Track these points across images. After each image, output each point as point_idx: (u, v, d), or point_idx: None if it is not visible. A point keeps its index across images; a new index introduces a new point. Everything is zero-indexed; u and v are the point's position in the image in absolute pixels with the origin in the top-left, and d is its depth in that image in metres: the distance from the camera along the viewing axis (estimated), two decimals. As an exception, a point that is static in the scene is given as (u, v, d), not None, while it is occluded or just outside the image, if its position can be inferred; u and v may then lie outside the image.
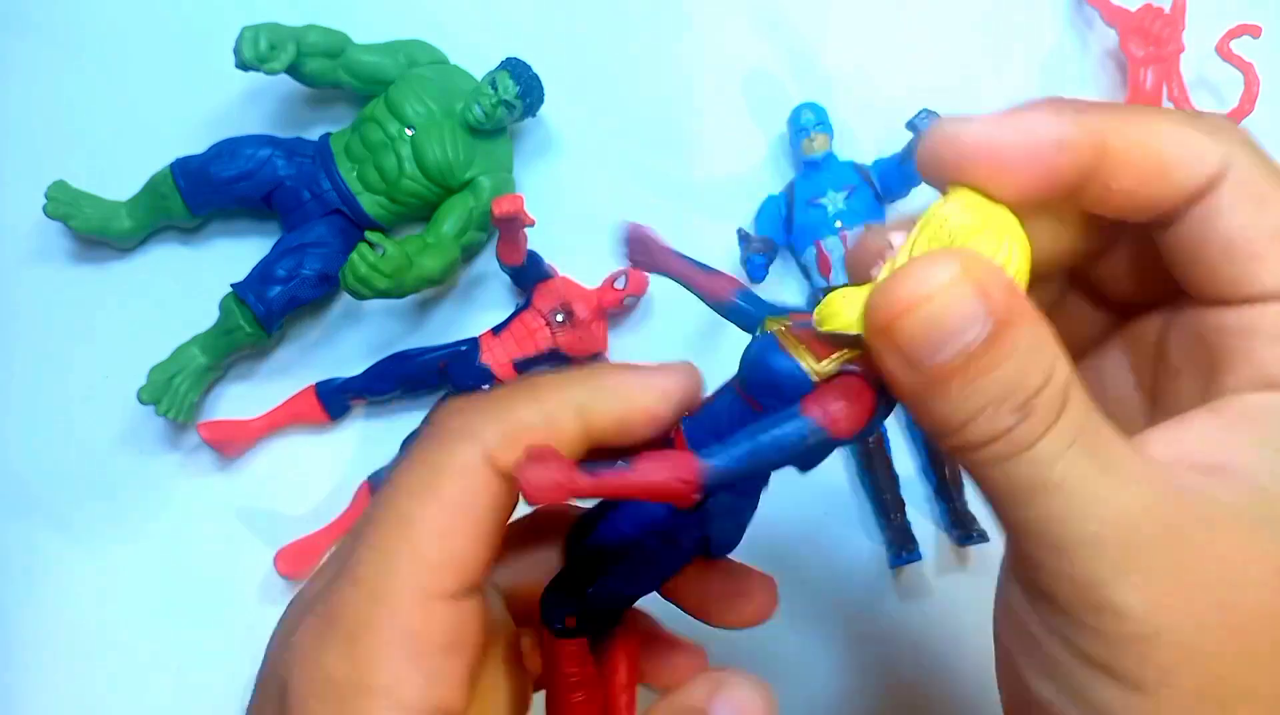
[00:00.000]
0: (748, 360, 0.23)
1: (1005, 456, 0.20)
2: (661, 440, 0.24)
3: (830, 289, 0.48)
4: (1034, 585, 0.21)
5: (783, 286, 0.50)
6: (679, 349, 0.49)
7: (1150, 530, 0.20)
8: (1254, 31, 0.48)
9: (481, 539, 0.23)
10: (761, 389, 0.22)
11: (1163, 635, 0.19)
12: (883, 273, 0.21)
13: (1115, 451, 0.20)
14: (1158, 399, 0.25)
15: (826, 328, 0.21)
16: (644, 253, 0.26)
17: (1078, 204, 0.22)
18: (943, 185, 0.22)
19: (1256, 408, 0.21)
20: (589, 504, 0.27)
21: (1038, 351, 0.20)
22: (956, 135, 0.21)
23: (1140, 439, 0.21)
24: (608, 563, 0.25)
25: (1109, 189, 0.21)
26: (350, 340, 0.50)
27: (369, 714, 0.21)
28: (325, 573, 0.24)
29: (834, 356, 0.22)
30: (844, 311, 0.21)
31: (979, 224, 0.21)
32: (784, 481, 0.30)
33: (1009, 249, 0.21)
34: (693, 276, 0.26)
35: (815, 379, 0.22)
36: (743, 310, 0.25)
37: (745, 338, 0.24)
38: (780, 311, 0.24)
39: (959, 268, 0.20)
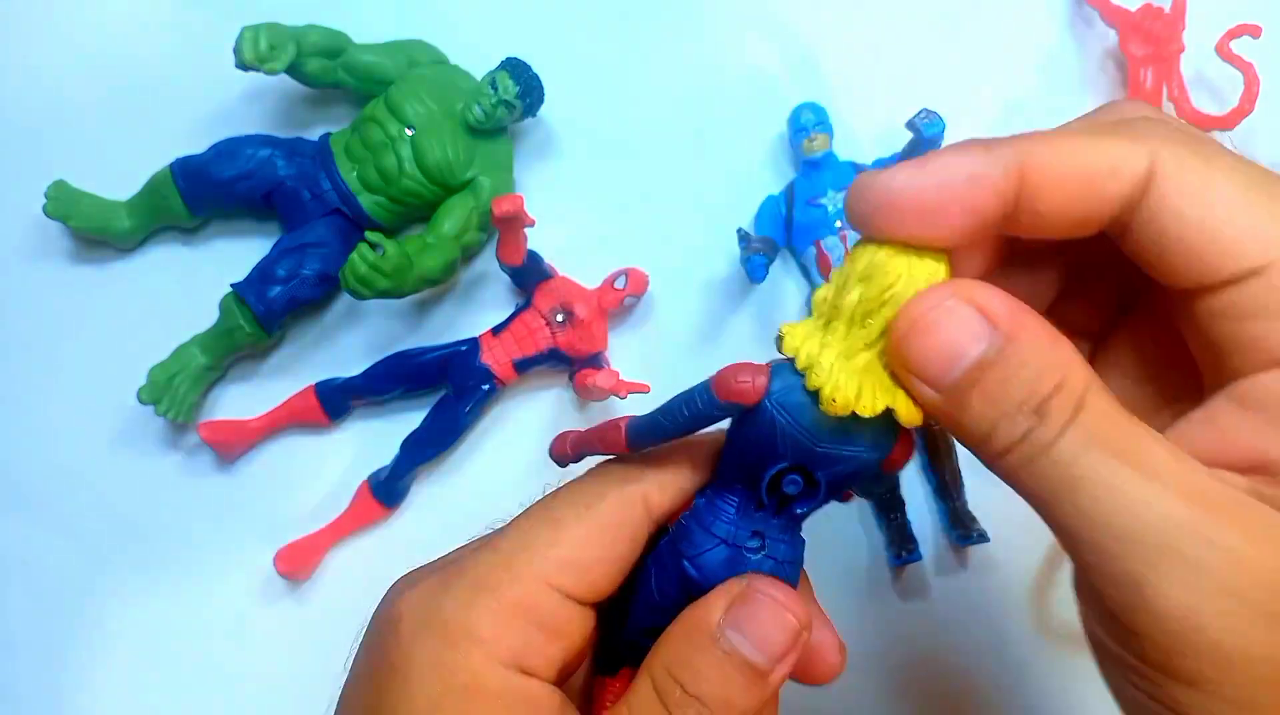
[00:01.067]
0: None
1: (1030, 459, 0.21)
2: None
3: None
4: (1085, 588, 0.22)
5: (783, 286, 0.50)
6: (678, 349, 0.49)
7: (1186, 530, 0.20)
8: (1254, 31, 0.48)
9: (612, 562, 0.26)
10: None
11: (1207, 633, 0.19)
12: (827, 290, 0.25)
13: (1144, 449, 0.21)
14: (1166, 391, 0.25)
15: (800, 363, 0.24)
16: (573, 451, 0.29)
17: (1017, 231, 0.23)
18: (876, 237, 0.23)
19: (1273, 391, 0.21)
20: None
21: (1047, 357, 0.21)
22: (877, 190, 0.22)
23: (1173, 435, 0.22)
24: (634, 608, 0.28)
25: (1039, 213, 0.22)
26: (350, 340, 0.50)
27: (467, 656, 0.24)
28: (463, 548, 0.28)
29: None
30: (804, 346, 0.24)
31: (903, 267, 0.23)
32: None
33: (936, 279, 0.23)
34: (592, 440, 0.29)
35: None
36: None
37: (744, 338, 0.26)
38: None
39: (954, 292, 0.22)
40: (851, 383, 0.24)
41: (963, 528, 0.46)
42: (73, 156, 0.50)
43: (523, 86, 0.46)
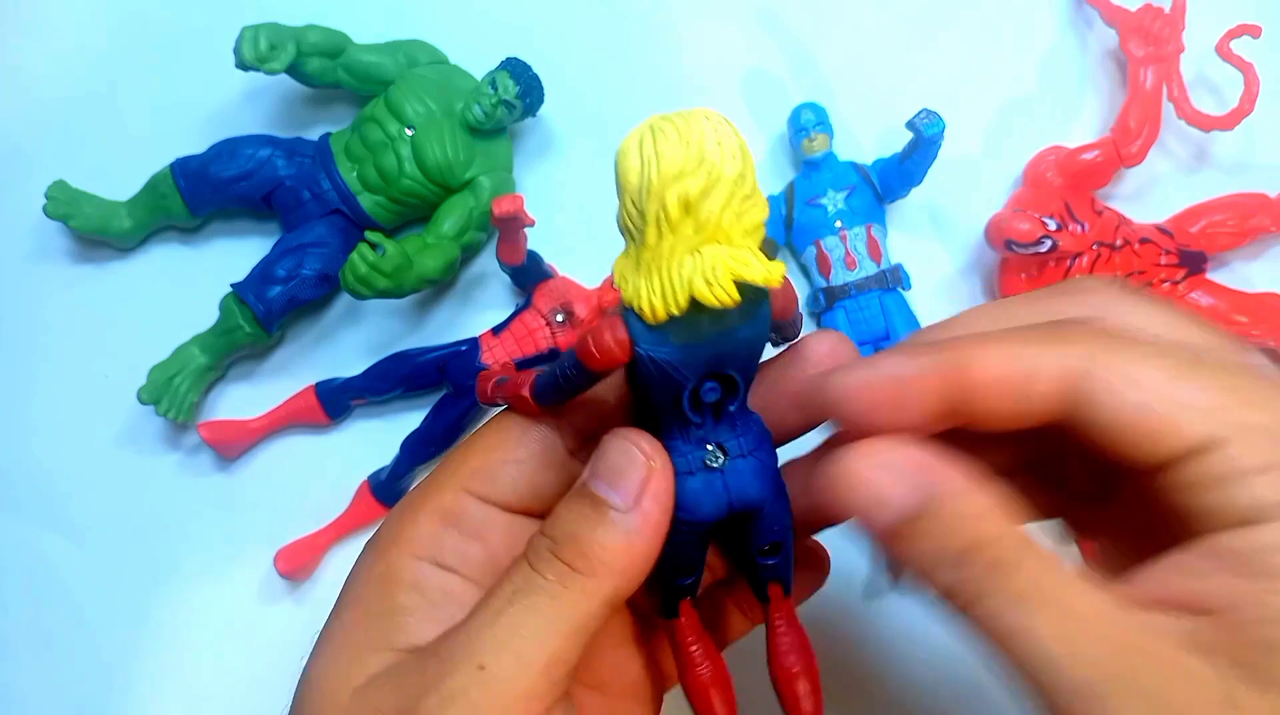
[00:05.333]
0: None
1: (964, 608, 0.23)
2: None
3: (829, 289, 0.48)
4: None
5: (783, 286, 0.50)
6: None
7: (1114, 677, 0.21)
8: (1254, 31, 0.48)
9: (519, 464, 0.28)
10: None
11: None
12: None
13: (1074, 599, 0.22)
14: (1145, 547, 0.26)
15: (615, 284, 0.25)
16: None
17: (966, 426, 0.24)
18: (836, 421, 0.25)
19: (1229, 544, 0.22)
20: None
21: (977, 510, 0.23)
22: (835, 387, 0.24)
23: (1115, 584, 0.23)
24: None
25: (979, 414, 0.24)
26: (350, 340, 0.50)
27: (385, 554, 0.27)
28: None
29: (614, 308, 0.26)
30: (618, 269, 0.25)
31: None
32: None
33: None
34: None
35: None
36: None
37: None
38: None
39: (881, 446, 0.23)
40: (651, 286, 0.24)
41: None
42: (73, 156, 0.50)
43: (523, 86, 0.46)
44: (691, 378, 0.25)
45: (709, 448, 0.26)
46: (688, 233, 0.23)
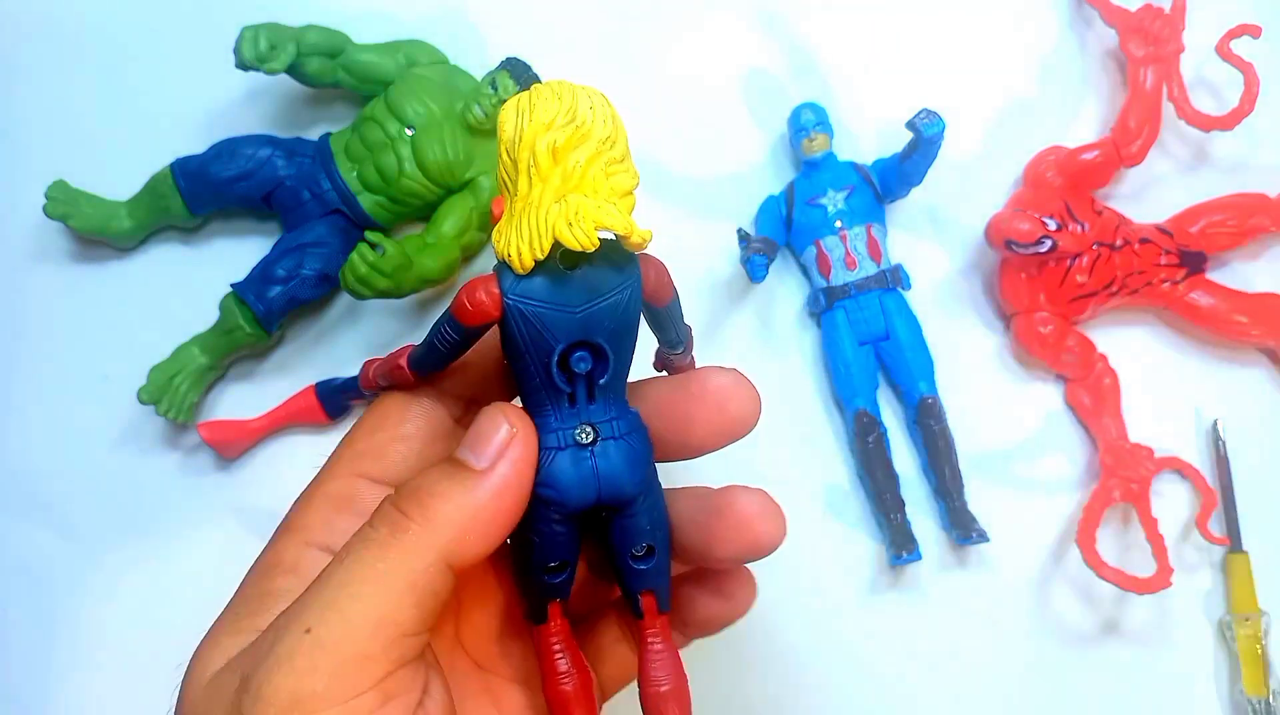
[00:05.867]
0: None
1: None
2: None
3: (829, 289, 0.48)
4: None
5: (783, 286, 0.50)
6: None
7: None
8: (1254, 31, 0.48)
9: (404, 441, 0.29)
10: None
11: None
12: None
13: None
14: None
15: (492, 240, 0.26)
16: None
17: None
18: None
19: None
20: None
21: None
22: None
23: None
24: (520, 549, 0.28)
25: None
26: (350, 340, 0.50)
27: (277, 541, 0.28)
28: None
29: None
30: (498, 225, 0.25)
31: None
32: (782, 482, 0.30)
33: None
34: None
35: None
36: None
37: (744, 338, 0.26)
38: None
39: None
40: (520, 233, 0.24)
41: (963, 528, 0.46)
42: (73, 156, 0.50)
43: (523, 86, 0.46)
44: (561, 339, 0.25)
45: (580, 425, 0.26)
46: (556, 182, 0.24)
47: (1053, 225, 0.46)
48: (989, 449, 0.48)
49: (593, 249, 0.24)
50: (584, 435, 0.26)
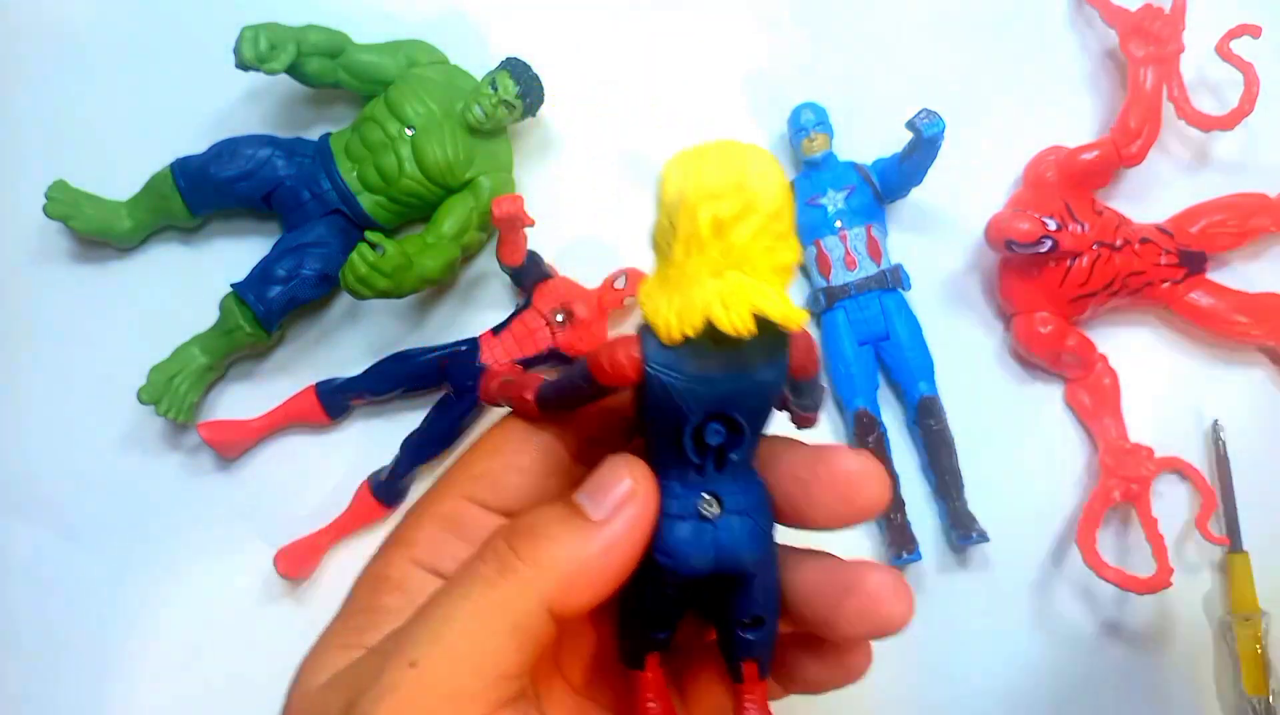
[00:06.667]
0: None
1: None
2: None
3: (829, 289, 0.48)
4: None
5: (783, 286, 0.50)
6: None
7: None
8: (1254, 31, 0.48)
9: (521, 472, 0.28)
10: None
11: None
12: None
13: None
14: None
15: (639, 299, 0.25)
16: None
17: None
18: None
19: None
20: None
21: None
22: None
23: None
24: (626, 601, 0.27)
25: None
26: (350, 340, 0.50)
27: (385, 555, 0.27)
28: None
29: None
30: (645, 285, 0.24)
31: None
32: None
33: None
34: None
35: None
36: None
37: None
38: None
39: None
40: (670, 304, 0.23)
41: (963, 528, 0.46)
42: (73, 156, 0.50)
43: (523, 86, 0.46)
44: (697, 412, 0.24)
45: (704, 496, 0.25)
46: (715, 255, 0.23)
47: (1053, 225, 0.46)
48: (989, 449, 0.48)
49: (747, 335, 0.23)
50: (708, 507, 0.26)
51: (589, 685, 0.30)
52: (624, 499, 0.25)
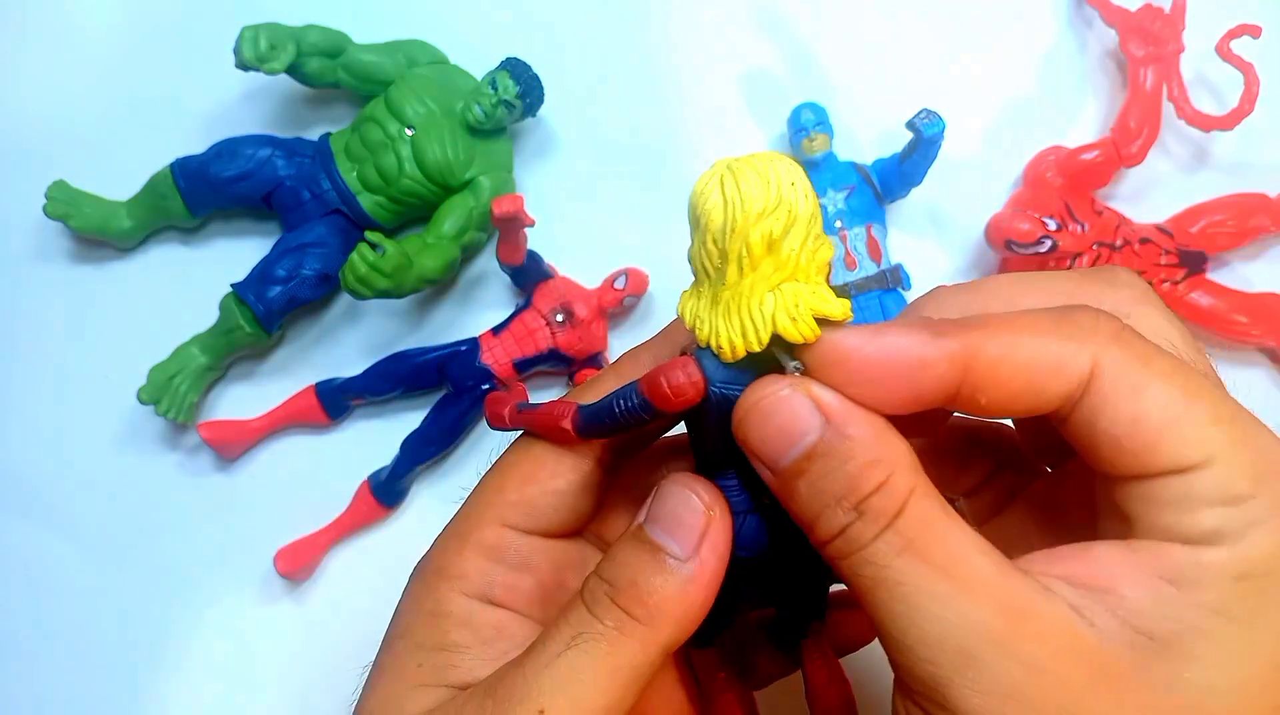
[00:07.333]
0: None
1: (845, 554, 0.23)
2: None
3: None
4: (897, 681, 0.23)
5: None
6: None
7: (988, 639, 0.21)
8: (1254, 31, 0.48)
9: (559, 495, 0.28)
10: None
11: None
12: None
13: (961, 558, 0.22)
14: (1069, 532, 0.27)
15: (687, 324, 0.25)
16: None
17: (958, 409, 0.24)
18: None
19: (1164, 552, 0.22)
20: None
21: (874, 454, 0.23)
22: (828, 346, 0.24)
23: (1028, 557, 0.23)
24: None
25: (981, 403, 0.23)
26: (350, 340, 0.50)
27: (435, 590, 0.27)
28: None
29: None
30: (689, 308, 0.25)
31: None
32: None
33: None
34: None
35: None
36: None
37: None
38: None
39: (792, 383, 0.23)
40: (730, 324, 0.24)
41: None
42: (73, 156, 0.50)
43: (523, 86, 0.46)
44: None
45: (766, 497, 0.26)
46: (768, 271, 0.24)
47: (1053, 225, 0.46)
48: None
49: (814, 340, 0.24)
50: (769, 497, 0.26)
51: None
52: (704, 530, 0.25)
